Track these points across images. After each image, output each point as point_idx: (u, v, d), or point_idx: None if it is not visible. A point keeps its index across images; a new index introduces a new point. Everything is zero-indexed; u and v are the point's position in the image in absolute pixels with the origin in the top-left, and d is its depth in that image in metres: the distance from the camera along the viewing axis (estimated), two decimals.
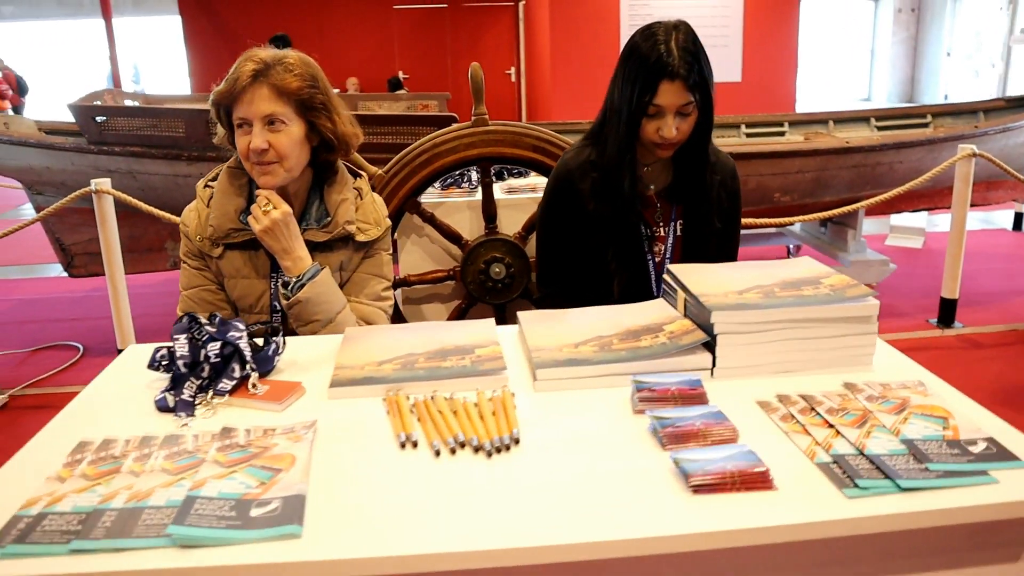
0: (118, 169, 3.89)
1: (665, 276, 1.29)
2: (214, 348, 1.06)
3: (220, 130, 1.58)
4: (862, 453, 0.87)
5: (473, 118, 2.22)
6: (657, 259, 1.77)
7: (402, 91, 8.52)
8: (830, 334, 1.09)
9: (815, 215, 3.30)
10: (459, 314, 2.36)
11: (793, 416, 0.97)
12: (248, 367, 1.06)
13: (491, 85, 9.65)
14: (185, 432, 0.97)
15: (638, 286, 1.77)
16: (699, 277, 1.20)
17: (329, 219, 1.61)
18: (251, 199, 1.58)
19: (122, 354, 1.26)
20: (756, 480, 0.81)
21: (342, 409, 1.02)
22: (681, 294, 1.20)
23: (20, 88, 10.00)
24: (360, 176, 1.73)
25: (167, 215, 2.90)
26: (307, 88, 1.53)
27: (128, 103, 5.08)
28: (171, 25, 9.61)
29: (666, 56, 1.55)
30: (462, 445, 0.91)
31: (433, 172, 2.23)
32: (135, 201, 2.99)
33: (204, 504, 0.80)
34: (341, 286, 1.65)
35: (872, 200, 3.33)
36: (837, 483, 0.82)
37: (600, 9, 6.96)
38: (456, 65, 9.23)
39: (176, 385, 1.04)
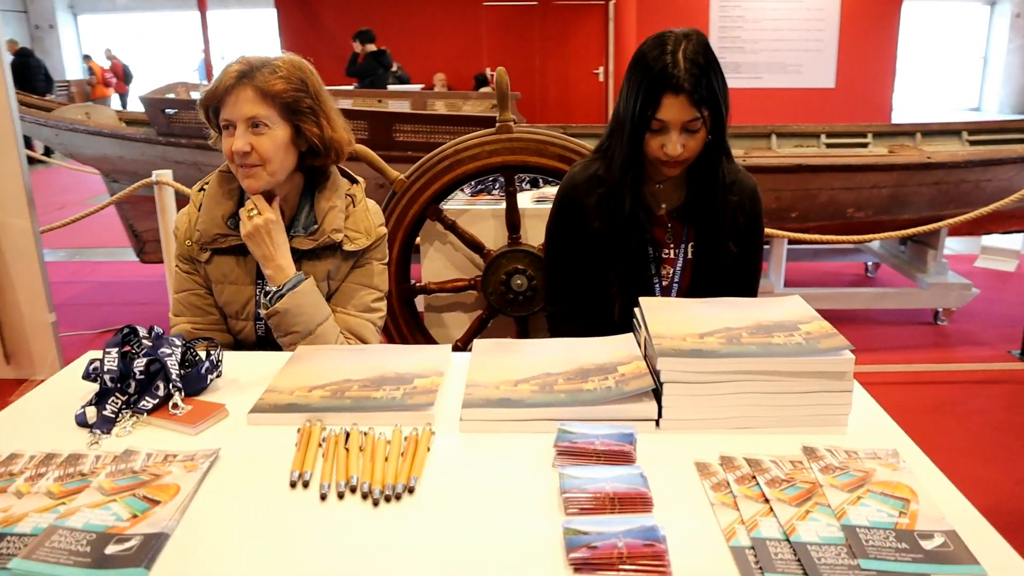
0: (184, 160, 4.03)
1: (636, 309, 1.19)
2: (140, 364, 1.04)
3: (213, 132, 1.56)
4: (788, 539, 0.76)
5: (497, 124, 2.15)
6: (664, 283, 1.66)
7: (488, 88, 8.53)
8: (798, 389, 0.97)
9: (892, 233, 3.06)
10: (479, 325, 2.30)
11: (728, 484, 0.86)
12: (171, 386, 1.03)
13: (578, 85, 9.57)
14: (90, 452, 0.94)
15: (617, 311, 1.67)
16: (664, 314, 1.10)
17: (316, 226, 1.57)
18: (241, 204, 1.57)
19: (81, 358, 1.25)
20: (649, 561, 0.72)
21: (256, 437, 0.98)
22: (643, 331, 1.09)
23: (126, 77, 10.58)
24: (357, 183, 1.69)
25: None
26: (292, 91, 1.50)
27: (195, 96, 5.24)
28: (267, 18, 9.92)
29: (671, 68, 1.44)
30: (352, 490, 0.85)
31: (455, 179, 2.17)
32: (188, 191, 3.06)
33: (64, 536, 0.77)
34: (329, 296, 1.62)
35: (955, 220, 3.07)
36: (744, 574, 0.72)
37: (689, 8, 6.75)
38: (544, 64, 9.16)
39: (100, 400, 1.02)
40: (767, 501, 0.82)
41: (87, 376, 1.08)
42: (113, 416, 1.01)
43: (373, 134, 3.14)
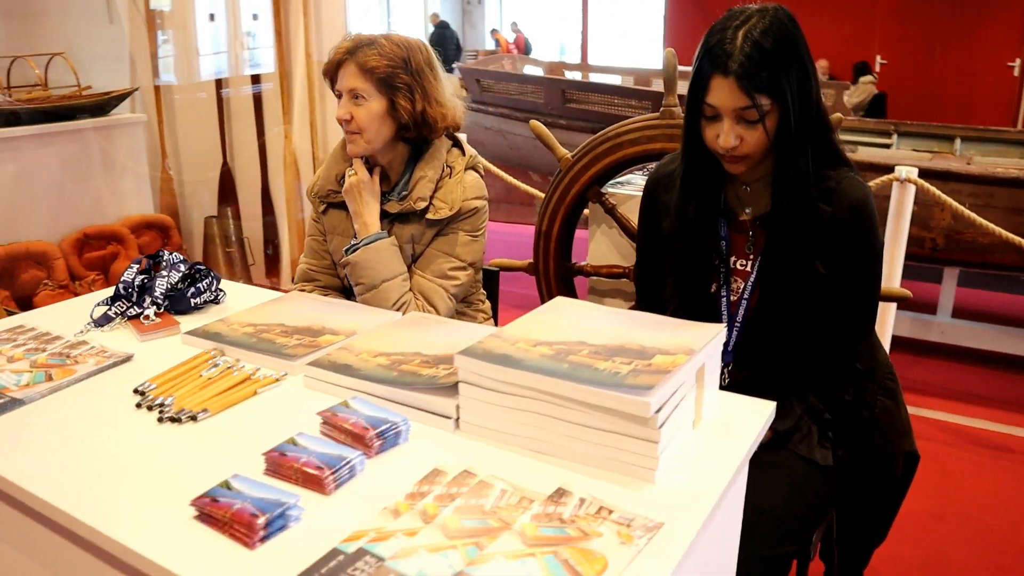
0: (491, 127, 4.41)
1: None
2: (138, 279, 1.29)
3: None
4: (385, 561, 0.70)
5: (661, 109, 2.03)
6: (733, 297, 1.48)
7: (867, 77, 7.71)
8: (597, 424, 0.84)
9: None
10: None
11: (422, 495, 0.80)
12: (151, 300, 1.26)
13: (986, 79, 8.07)
14: (65, 335, 1.21)
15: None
16: (548, 315, 1.02)
17: (406, 193, 1.71)
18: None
19: None
20: (240, 528, 0.74)
21: (177, 354, 1.16)
22: None
23: (526, 49, 11.72)
24: (465, 155, 1.77)
25: (503, 174, 3.19)
26: (388, 67, 1.63)
27: (529, 70, 5.63)
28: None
29: (724, 44, 1.27)
30: (162, 407, 0.98)
31: (615, 162, 2.11)
32: (494, 169, 3.38)
33: None
34: (414, 259, 1.74)
35: None
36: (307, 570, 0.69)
37: None
38: (945, 55, 7.92)
39: (111, 302, 1.30)
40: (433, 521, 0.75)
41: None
42: (113, 316, 1.28)
43: (547, 100, 3.16)
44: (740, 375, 1.52)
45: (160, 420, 0.96)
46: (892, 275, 2.61)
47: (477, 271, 1.84)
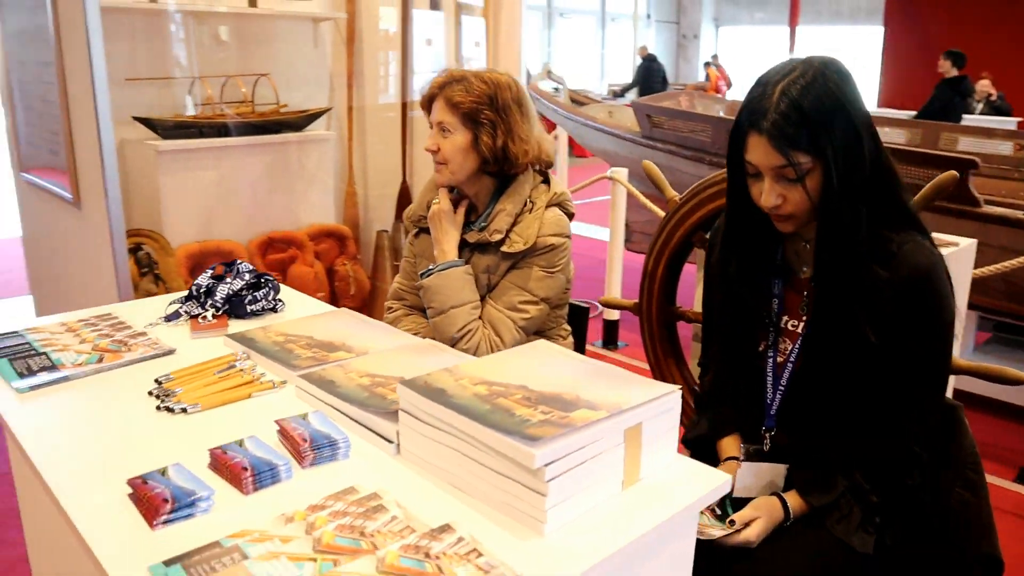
0: (659, 162, 4.36)
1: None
2: (209, 283, 1.48)
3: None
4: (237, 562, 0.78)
5: None
6: (780, 359, 1.43)
7: None
8: (497, 468, 0.87)
9: None
10: None
11: (317, 508, 0.87)
12: (211, 303, 1.45)
13: None
14: (137, 326, 1.42)
15: (750, 384, 1.47)
16: (525, 356, 1.06)
17: (485, 224, 1.81)
18: None
19: None
20: (145, 505, 0.85)
21: (213, 353, 1.32)
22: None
23: (728, 84, 11.50)
24: (550, 191, 1.84)
25: (656, 209, 3.23)
26: (473, 103, 1.74)
27: (710, 108, 5.49)
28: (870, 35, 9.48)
29: (761, 99, 1.25)
30: (165, 397, 1.14)
31: (718, 208, 2.06)
32: (635, 192, 3.44)
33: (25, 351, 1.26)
34: (490, 289, 1.83)
35: None
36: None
37: None
38: None
39: (184, 301, 1.51)
40: (308, 536, 0.82)
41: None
42: (180, 314, 1.48)
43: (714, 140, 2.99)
44: (783, 441, 1.46)
45: (158, 408, 1.11)
46: None
47: (553, 306, 1.88)
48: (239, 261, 1.56)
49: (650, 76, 10.13)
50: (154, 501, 0.85)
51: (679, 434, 1.03)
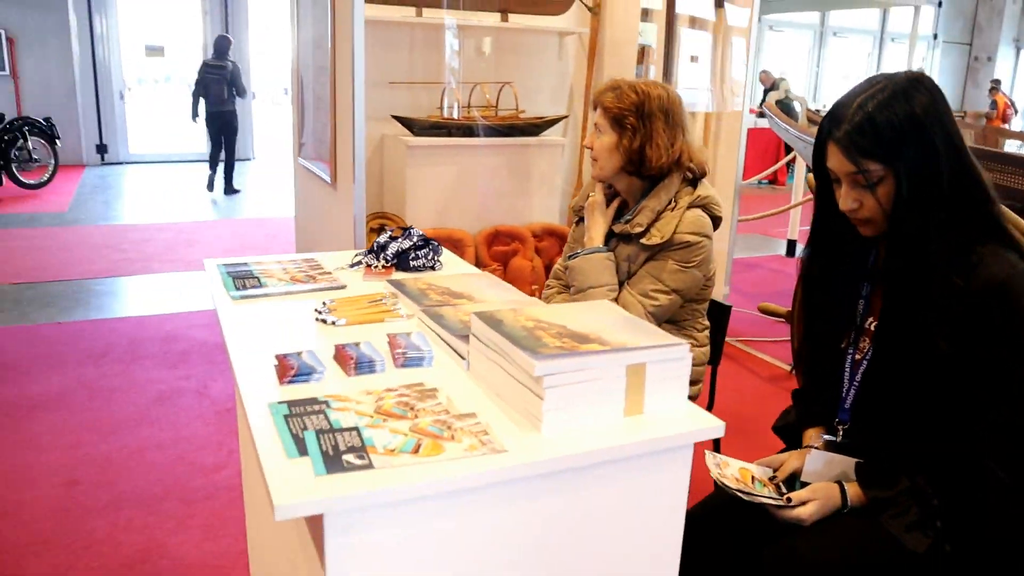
0: None
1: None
2: (386, 241, 1.90)
3: None
4: (352, 429, 1.14)
5: None
6: (857, 356, 1.57)
7: None
8: (518, 376, 1.15)
9: None
10: None
11: (390, 395, 1.21)
12: (383, 256, 1.86)
13: None
14: (332, 269, 1.87)
15: (832, 380, 1.62)
16: (584, 309, 1.33)
17: (630, 218, 2.09)
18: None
19: None
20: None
21: (372, 290, 1.72)
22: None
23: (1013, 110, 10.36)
24: (694, 194, 2.06)
25: None
26: (619, 109, 2.03)
27: None
28: None
29: (841, 109, 1.42)
30: (325, 312, 1.55)
31: None
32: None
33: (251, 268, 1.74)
34: (630, 275, 2.11)
35: None
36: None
37: None
38: None
39: (367, 254, 1.94)
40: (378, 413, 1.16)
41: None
42: (360, 263, 1.91)
43: None
44: (857, 436, 1.57)
45: (316, 319, 1.53)
46: None
47: (688, 299, 2.10)
48: (412, 227, 1.97)
49: None
50: (285, 368, 1.25)
51: (688, 384, 1.23)
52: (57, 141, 9.26)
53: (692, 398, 2.11)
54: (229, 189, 9.26)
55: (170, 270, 6.02)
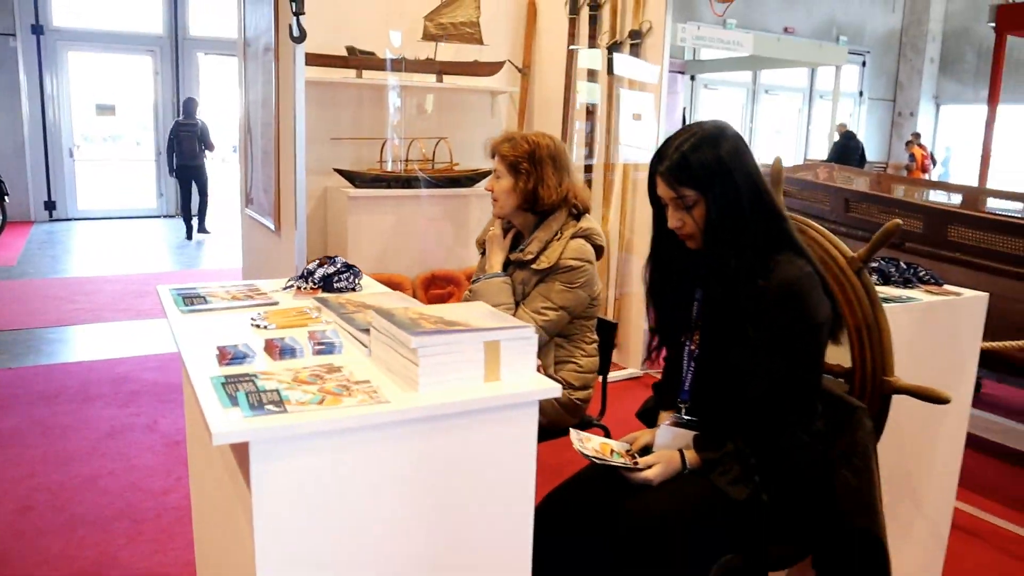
0: None
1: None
2: (311, 268, 2.29)
3: None
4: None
5: None
6: (692, 347, 1.98)
7: None
8: (402, 352, 1.54)
9: None
10: None
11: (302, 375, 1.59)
12: (311, 279, 2.25)
13: None
14: (268, 291, 2.26)
15: (676, 367, 2.03)
16: (461, 307, 1.73)
17: (523, 248, 2.51)
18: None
19: None
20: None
21: (299, 305, 2.11)
22: None
23: (933, 163, 11.26)
24: (577, 226, 2.50)
25: None
26: (513, 156, 2.47)
27: (841, 177, 5.70)
28: None
29: (664, 149, 1.85)
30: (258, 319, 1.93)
31: None
32: None
33: (203, 291, 2.12)
34: (525, 296, 2.52)
35: None
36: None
37: None
38: None
39: (297, 279, 2.32)
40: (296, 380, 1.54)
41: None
42: (293, 285, 2.30)
43: (832, 208, 3.40)
44: (695, 412, 1.98)
45: (251, 325, 1.90)
46: None
47: (575, 316, 2.52)
48: (337, 256, 2.37)
49: (846, 153, 10.27)
50: (224, 354, 1.63)
51: (536, 361, 1.63)
52: (6, 197, 9.50)
53: (584, 401, 2.53)
54: (202, 229, 10.69)
55: (121, 319, 6.29)
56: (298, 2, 3.44)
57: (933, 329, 2.51)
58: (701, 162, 1.78)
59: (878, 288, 2.52)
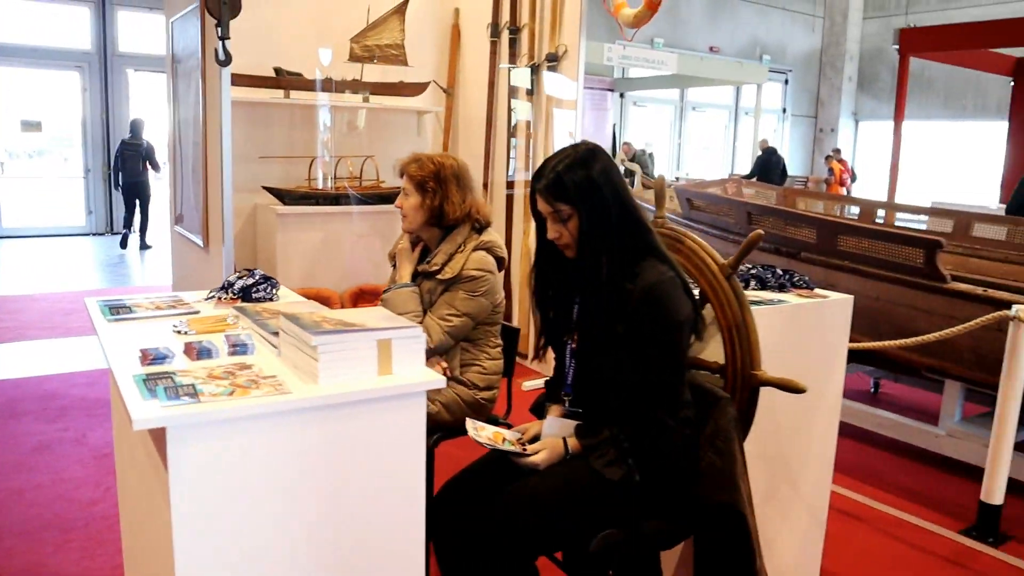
0: None
1: None
2: (232, 280, 2.50)
3: None
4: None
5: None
6: (573, 346, 2.23)
7: None
8: (305, 350, 1.77)
9: None
10: None
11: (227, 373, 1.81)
12: (231, 290, 2.46)
13: None
14: (191, 301, 2.45)
15: (561, 364, 2.29)
16: (358, 312, 1.96)
17: (429, 259, 2.75)
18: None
19: None
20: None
21: (218, 313, 2.31)
22: None
23: (852, 178, 11.90)
24: (479, 239, 2.75)
25: None
26: (420, 175, 2.71)
27: (749, 192, 6.11)
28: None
29: (541, 169, 2.12)
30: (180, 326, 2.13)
31: None
32: None
33: (133, 302, 2.31)
34: (431, 304, 2.76)
35: None
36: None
37: None
38: None
39: (219, 290, 2.53)
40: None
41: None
42: (214, 296, 2.50)
43: (737, 221, 3.73)
44: (577, 403, 2.24)
45: (172, 331, 2.10)
46: (1007, 415, 3.05)
47: (479, 322, 2.76)
48: (256, 269, 2.57)
49: (768, 168, 10.84)
50: (146, 355, 1.83)
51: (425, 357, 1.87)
52: None
53: (489, 401, 2.78)
54: (143, 245, 11.08)
55: (49, 336, 6.32)
56: (223, 27, 3.64)
57: (802, 329, 2.81)
58: (574, 181, 2.05)
59: (757, 292, 2.84)
